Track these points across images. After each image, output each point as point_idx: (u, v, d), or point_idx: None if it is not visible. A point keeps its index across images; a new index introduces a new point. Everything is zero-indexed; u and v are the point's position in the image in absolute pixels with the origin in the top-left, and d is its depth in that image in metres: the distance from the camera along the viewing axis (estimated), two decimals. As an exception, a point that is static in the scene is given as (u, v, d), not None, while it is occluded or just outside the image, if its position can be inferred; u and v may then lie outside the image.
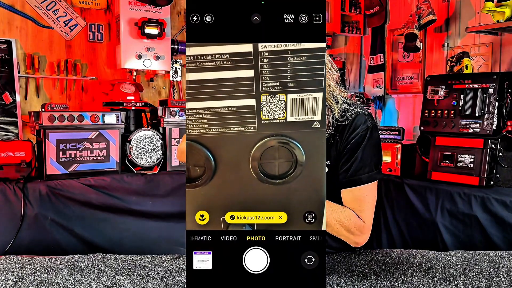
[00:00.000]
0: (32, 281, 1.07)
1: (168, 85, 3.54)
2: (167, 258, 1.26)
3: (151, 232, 2.68)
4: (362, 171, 1.26)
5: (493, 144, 2.47)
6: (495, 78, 2.47)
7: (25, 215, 2.35)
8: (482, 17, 2.92)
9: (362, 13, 3.99)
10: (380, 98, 3.81)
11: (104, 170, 2.66)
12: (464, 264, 1.24)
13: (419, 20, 3.20)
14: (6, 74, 2.86)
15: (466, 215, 2.39)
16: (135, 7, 3.07)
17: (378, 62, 3.82)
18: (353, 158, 1.26)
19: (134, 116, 2.94)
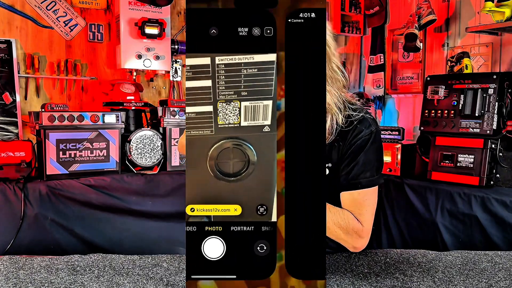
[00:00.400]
0: (32, 281, 1.08)
1: (168, 85, 3.54)
2: (167, 258, 1.26)
3: (151, 232, 2.68)
4: (363, 175, 1.26)
5: (493, 144, 2.47)
6: (495, 78, 2.47)
7: (25, 215, 2.36)
8: (482, 17, 2.93)
9: (362, 13, 3.99)
10: (380, 98, 3.81)
11: (104, 170, 2.66)
12: (464, 264, 1.24)
13: (419, 20, 3.20)
14: (6, 74, 2.86)
15: (466, 215, 2.39)
16: (135, 7, 3.07)
17: (378, 62, 3.82)
18: (355, 161, 1.26)
19: (134, 116, 2.94)
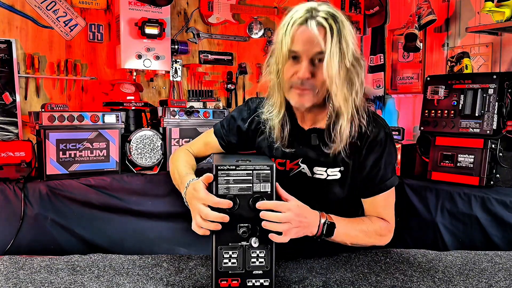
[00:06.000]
0: (32, 281, 1.07)
1: (168, 85, 3.54)
2: (167, 258, 1.26)
3: (151, 232, 2.68)
4: (385, 178, 1.31)
5: (493, 144, 2.46)
6: (495, 78, 2.47)
7: (25, 215, 2.35)
8: (482, 17, 2.92)
9: (362, 13, 3.99)
10: (380, 98, 3.81)
11: (104, 170, 2.66)
12: (464, 264, 1.24)
13: (419, 20, 3.20)
14: (6, 74, 2.86)
15: (466, 215, 2.39)
16: (135, 7, 3.07)
17: (378, 62, 3.82)
18: (377, 167, 1.29)
19: (134, 116, 2.94)
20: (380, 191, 1.31)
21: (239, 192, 1.05)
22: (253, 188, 1.05)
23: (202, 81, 3.64)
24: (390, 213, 1.34)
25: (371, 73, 3.89)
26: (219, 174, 1.04)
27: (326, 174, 1.31)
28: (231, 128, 1.43)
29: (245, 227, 1.05)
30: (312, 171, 1.32)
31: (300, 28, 1.17)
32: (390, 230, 1.33)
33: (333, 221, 1.19)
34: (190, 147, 1.51)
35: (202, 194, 1.06)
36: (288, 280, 1.13)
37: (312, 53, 1.17)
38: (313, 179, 1.32)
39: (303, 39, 1.17)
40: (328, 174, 1.31)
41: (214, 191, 1.05)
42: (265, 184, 1.05)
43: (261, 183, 1.05)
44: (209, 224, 1.04)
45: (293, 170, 1.35)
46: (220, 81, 3.73)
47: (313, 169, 1.32)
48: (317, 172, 1.32)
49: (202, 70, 3.66)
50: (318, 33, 1.15)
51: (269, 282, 1.06)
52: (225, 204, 1.03)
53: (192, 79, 3.60)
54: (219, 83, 3.73)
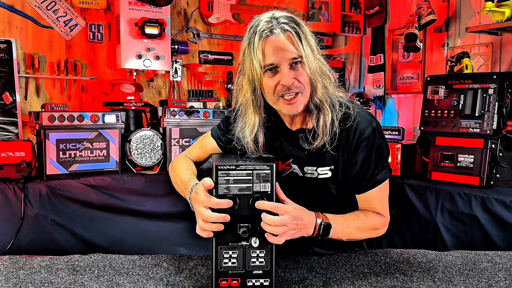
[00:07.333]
0: (32, 281, 1.07)
1: (168, 85, 3.54)
2: (167, 258, 1.26)
3: (151, 232, 2.68)
4: (377, 172, 1.31)
5: (493, 144, 2.46)
6: (495, 78, 2.47)
7: (25, 215, 2.35)
8: (482, 17, 2.92)
9: (362, 13, 3.99)
10: (380, 98, 3.81)
11: (104, 170, 2.66)
12: (464, 264, 1.24)
13: (419, 20, 3.20)
14: (6, 74, 2.86)
15: (466, 215, 2.39)
16: (135, 7, 3.07)
17: (378, 62, 3.82)
18: (367, 164, 1.30)
19: (134, 116, 2.94)
20: (373, 186, 1.31)
21: (239, 192, 1.05)
22: (253, 188, 1.05)
23: (202, 81, 3.64)
24: (384, 206, 1.35)
25: (371, 73, 3.89)
26: (219, 174, 1.04)
27: (316, 173, 1.32)
28: (228, 127, 1.44)
29: (245, 227, 1.05)
30: (303, 171, 1.34)
31: (267, 40, 1.19)
32: (385, 224, 1.35)
33: (329, 221, 1.19)
34: (188, 153, 1.53)
35: (202, 196, 1.06)
36: (288, 280, 1.13)
37: (289, 59, 1.20)
38: (305, 178, 1.34)
39: (275, 49, 1.19)
40: (318, 173, 1.32)
41: (214, 191, 1.05)
42: (265, 184, 1.05)
43: (261, 183, 1.05)
44: (211, 225, 1.04)
45: (285, 171, 1.36)
46: (220, 81, 3.73)
47: (303, 169, 1.34)
48: (308, 172, 1.33)
49: (202, 70, 3.66)
50: (286, 39, 1.19)
51: (269, 282, 1.06)
52: (225, 204, 1.03)
53: (192, 79, 3.60)
54: (219, 83, 3.73)
